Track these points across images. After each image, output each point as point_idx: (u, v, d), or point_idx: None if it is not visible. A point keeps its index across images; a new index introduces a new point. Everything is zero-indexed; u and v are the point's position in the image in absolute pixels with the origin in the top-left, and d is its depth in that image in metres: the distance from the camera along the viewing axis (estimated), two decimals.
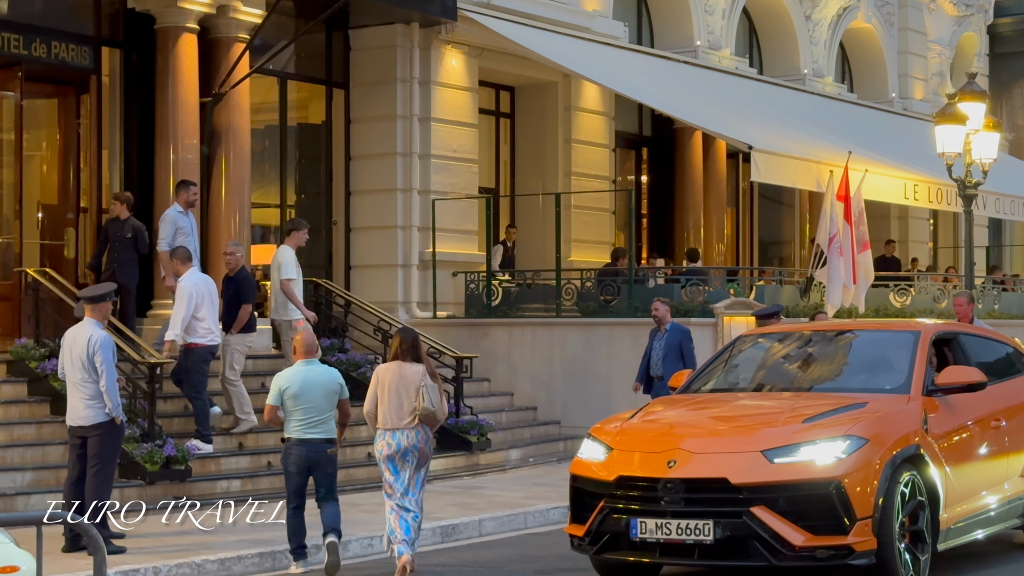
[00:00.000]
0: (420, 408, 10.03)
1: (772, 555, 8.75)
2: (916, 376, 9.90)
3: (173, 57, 16.47)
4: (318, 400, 10.40)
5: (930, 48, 30.10)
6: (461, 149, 19.85)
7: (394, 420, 10.11)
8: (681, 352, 15.52)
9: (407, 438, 10.09)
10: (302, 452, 10.38)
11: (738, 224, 26.58)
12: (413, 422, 10.08)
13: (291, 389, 10.40)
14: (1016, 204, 23.74)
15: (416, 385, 10.07)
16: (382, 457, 10.22)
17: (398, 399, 10.10)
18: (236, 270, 14.81)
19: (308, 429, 10.38)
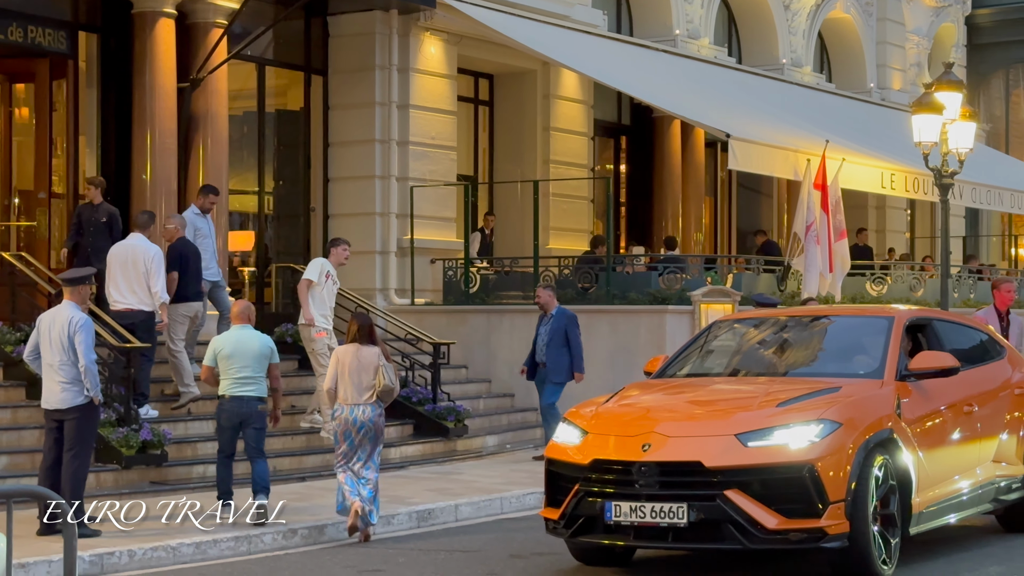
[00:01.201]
0: (380, 385, 11.16)
1: (746, 538, 8.80)
2: (889, 361, 9.96)
3: (150, 42, 16.44)
4: (249, 361, 11.44)
5: (908, 38, 30.21)
6: (440, 136, 19.85)
7: (354, 396, 11.19)
8: (566, 337, 15.67)
9: (363, 412, 11.20)
10: (233, 407, 11.45)
11: (716, 213, 26.66)
12: (371, 398, 11.20)
13: (224, 350, 11.50)
14: (992, 194, 23.86)
15: (374, 365, 11.21)
16: (340, 431, 11.28)
17: (358, 378, 11.19)
18: (173, 240, 14.88)
19: (239, 387, 11.44)
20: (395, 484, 13.95)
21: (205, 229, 15.48)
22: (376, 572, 10.06)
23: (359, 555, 10.77)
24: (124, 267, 13.90)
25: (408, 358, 17.05)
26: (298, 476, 14.22)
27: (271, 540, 11.07)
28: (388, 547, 11.14)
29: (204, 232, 15.43)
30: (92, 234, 15.18)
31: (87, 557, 9.97)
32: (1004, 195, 24.32)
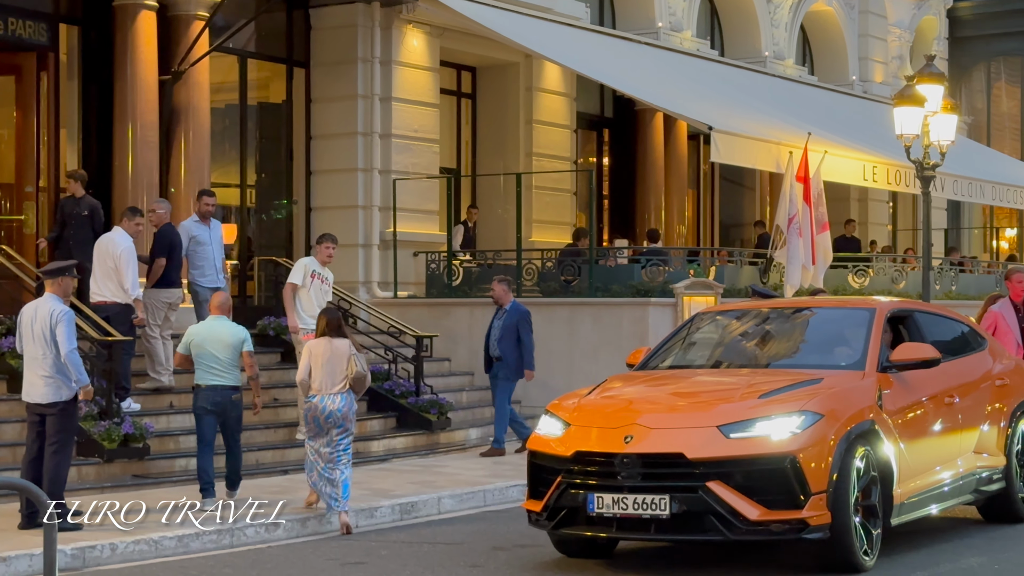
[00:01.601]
0: (352, 373, 11.63)
1: (728, 529, 8.81)
2: (871, 353, 9.99)
3: (132, 35, 16.39)
4: (221, 351, 11.81)
5: (890, 31, 30.26)
6: (422, 129, 19.83)
7: (328, 386, 11.60)
8: (518, 334, 15.68)
9: (333, 402, 11.59)
10: (208, 395, 11.81)
11: (699, 205, 26.69)
12: (344, 387, 11.64)
13: (197, 339, 11.91)
14: (974, 186, 23.93)
15: (346, 356, 11.67)
16: (310, 417, 11.67)
17: (331, 368, 11.61)
18: (160, 226, 14.99)
19: (213, 376, 11.83)
20: (378, 477, 13.95)
21: (203, 236, 15.12)
22: (359, 565, 10.06)
23: (341, 548, 10.77)
24: (101, 260, 14.04)
25: (391, 351, 17.04)
26: (281, 469, 14.21)
27: (253, 533, 11.06)
28: (371, 540, 11.14)
29: (202, 239, 15.13)
30: (74, 227, 15.13)
31: (69, 551, 9.95)
32: (986, 187, 24.40)
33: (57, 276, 10.99)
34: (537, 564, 9.84)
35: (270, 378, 16.16)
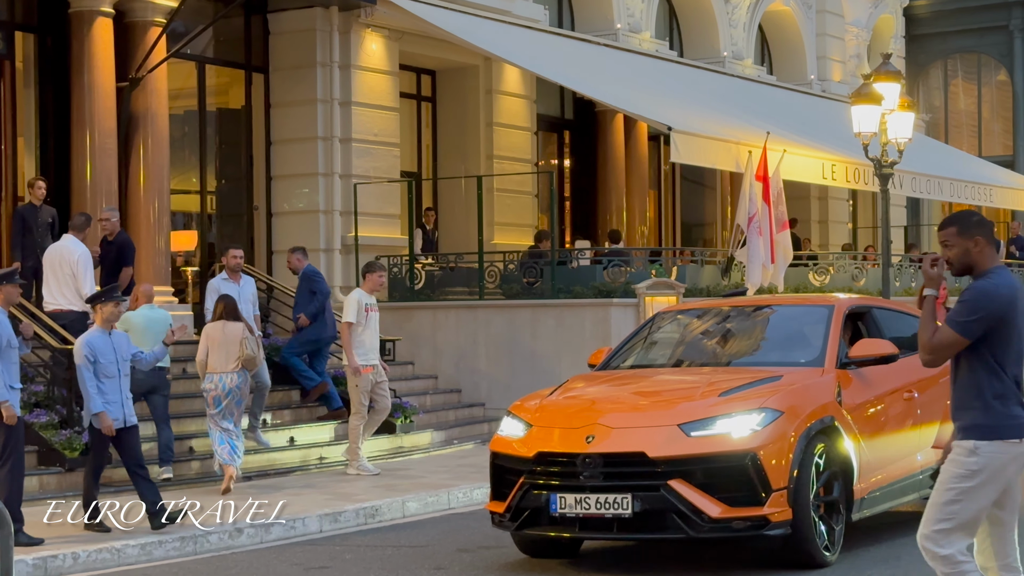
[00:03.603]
0: (244, 354, 12.85)
1: (689, 527, 8.85)
2: (830, 349, 10.05)
3: (88, 41, 16.31)
4: (159, 336, 12.65)
5: (848, 30, 30.46)
6: (382, 133, 19.82)
7: (223, 365, 12.85)
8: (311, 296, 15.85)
9: (231, 380, 12.86)
10: (145, 377, 12.68)
11: (660, 206, 26.78)
12: (237, 367, 12.89)
13: (139, 326, 13.03)
14: (932, 183, 24.11)
15: (239, 338, 12.92)
16: (211, 396, 12.85)
17: (225, 350, 12.89)
18: (115, 234, 14.96)
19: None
20: (342, 481, 13.93)
21: (233, 294, 14.07)
22: (323, 569, 10.05)
23: (305, 553, 10.75)
24: (54, 269, 14.03)
25: None
26: (244, 475, 14.14)
27: (217, 540, 11.03)
28: (335, 544, 11.13)
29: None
30: (40, 235, 15.09)
31: (30, 560, 9.89)
32: (944, 184, 24.59)
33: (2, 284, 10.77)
34: (501, 565, 9.85)
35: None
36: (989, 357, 6.08)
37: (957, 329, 6.04)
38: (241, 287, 14.61)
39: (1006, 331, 6.06)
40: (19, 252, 15.15)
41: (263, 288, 18.18)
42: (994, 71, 34.38)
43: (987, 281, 6.10)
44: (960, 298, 6.12)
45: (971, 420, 6.11)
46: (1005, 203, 27.64)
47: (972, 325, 6.02)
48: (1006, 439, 6.06)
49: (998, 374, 6.07)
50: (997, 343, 6.07)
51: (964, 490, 6.05)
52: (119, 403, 10.89)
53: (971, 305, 6.04)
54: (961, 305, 6.07)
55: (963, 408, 6.15)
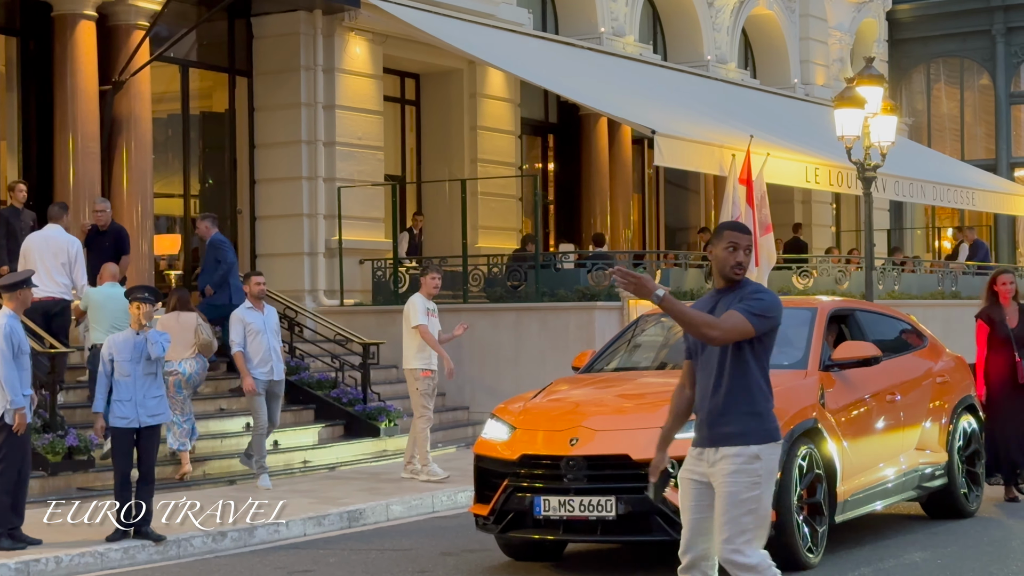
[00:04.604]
0: (200, 340, 13.58)
1: (674, 529, 8.82)
2: (813, 351, 10.07)
3: (71, 45, 16.27)
4: (117, 312, 13.33)
5: (831, 34, 30.55)
6: (366, 136, 19.81)
7: (180, 353, 13.40)
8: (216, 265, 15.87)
9: (190, 365, 13.55)
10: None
11: (644, 209, 26.81)
12: (194, 353, 13.58)
13: (99, 302, 13.57)
14: (915, 187, 24.17)
15: (193, 326, 13.60)
16: (171, 380, 13.26)
17: (182, 338, 13.46)
18: (108, 224, 15.05)
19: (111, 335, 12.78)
20: (326, 485, 13.92)
21: (257, 323, 13.54)
22: (306, 573, 10.03)
23: (289, 557, 10.73)
24: (44, 256, 13.99)
25: (338, 359, 17.01)
26: (228, 479, 14.14)
27: (200, 544, 11.00)
28: (319, 547, 11.12)
29: (256, 327, 13.54)
30: (23, 238, 15.01)
31: (12, 564, 9.86)
32: (927, 188, 24.65)
33: (15, 289, 10.72)
34: (485, 568, 9.85)
35: (216, 388, 16.10)
36: (765, 362, 6.27)
37: (754, 321, 6.16)
38: (266, 316, 13.67)
39: (772, 341, 6.30)
40: (4, 255, 15.11)
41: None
42: (976, 75, 34.50)
43: (770, 291, 6.34)
44: (754, 296, 6.23)
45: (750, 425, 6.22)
46: (987, 206, 27.73)
47: (765, 322, 6.20)
48: (777, 441, 6.28)
49: (768, 381, 6.29)
50: (768, 349, 6.27)
51: (757, 497, 6.20)
52: (132, 403, 10.72)
53: (768, 305, 6.23)
54: (758, 302, 6.20)
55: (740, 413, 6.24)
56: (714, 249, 6.38)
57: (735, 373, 6.22)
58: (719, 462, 6.24)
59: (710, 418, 6.31)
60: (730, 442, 6.21)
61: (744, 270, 6.33)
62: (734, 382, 6.22)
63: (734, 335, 6.13)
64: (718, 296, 6.39)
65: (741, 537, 6.16)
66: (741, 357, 6.22)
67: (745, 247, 6.32)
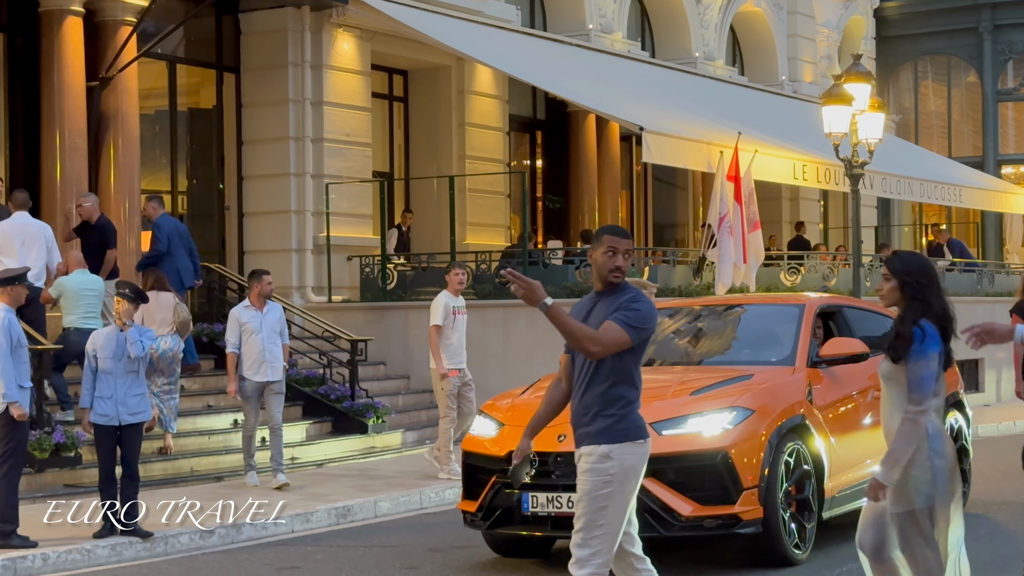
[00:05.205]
0: (179, 318, 14.01)
1: (661, 526, 8.88)
2: (801, 348, 10.10)
3: (58, 41, 16.22)
4: (92, 299, 13.84)
5: (819, 31, 30.57)
6: (354, 133, 19.78)
7: (157, 330, 13.49)
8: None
9: (166, 342, 13.78)
10: (79, 338, 12.97)
11: (632, 206, 26.82)
12: (172, 330, 13.93)
13: (72, 289, 13.76)
14: (902, 183, 24.21)
15: (171, 305, 14.04)
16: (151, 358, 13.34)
17: (160, 316, 13.87)
18: (95, 218, 15.01)
19: (84, 321, 13.70)
20: (314, 481, 13.91)
21: (254, 323, 13.32)
22: (294, 569, 10.03)
23: (277, 553, 10.73)
24: (27, 242, 13.96)
25: (326, 355, 16.99)
26: (215, 476, 14.13)
27: (188, 540, 10.99)
28: (307, 544, 11.11)
29: (252, 327, 13.33)
30: None
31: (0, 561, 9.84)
32: (914, 184, 24.69)
33: (7, 285, 10.70)
34: (473, 565, 9.85)
35: (204, 384, 16.09)
36: (632, 365, 6.32)
37: (631, 333, 6.23)
38: (264, 316, 13.40)
39: (645, 346, 6.38)
40: None
41: (235, 289, 18.15)
42: (964, 73, 34.56)
43: (647, 300, 6.38)
44: (631, 307, 6.28)
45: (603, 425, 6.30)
46: (974, 203, 27.79)
47: (642, 333, 6.27)
48: (635, 440, 6.33)
49: (635, 383, 6.34)
50: (638, 354, 6.33)
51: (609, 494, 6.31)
52: (113, 401, 10.67)
53: (644, 316, 6.28)
54: (636, 313, 6.25)
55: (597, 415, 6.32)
56: (594, 253, 6.45)
57: (596, 377, 6.33)
58: (580, 460, 6.39)
59: (574, 419, 6.47)
60: (586, 441, 6.36)
61: (623, 274, 6.39)
62: (595, 386, 6.34)
63: (613, 349, 6.24)
64: (596, 299, 6.46)
65: (590, 532, 6.29)
66: (604, 362, 6.32)
67: (624, 251, 6.38)
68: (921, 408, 6.47)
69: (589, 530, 6.29)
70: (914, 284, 6.52)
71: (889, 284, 6.59)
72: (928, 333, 6.46)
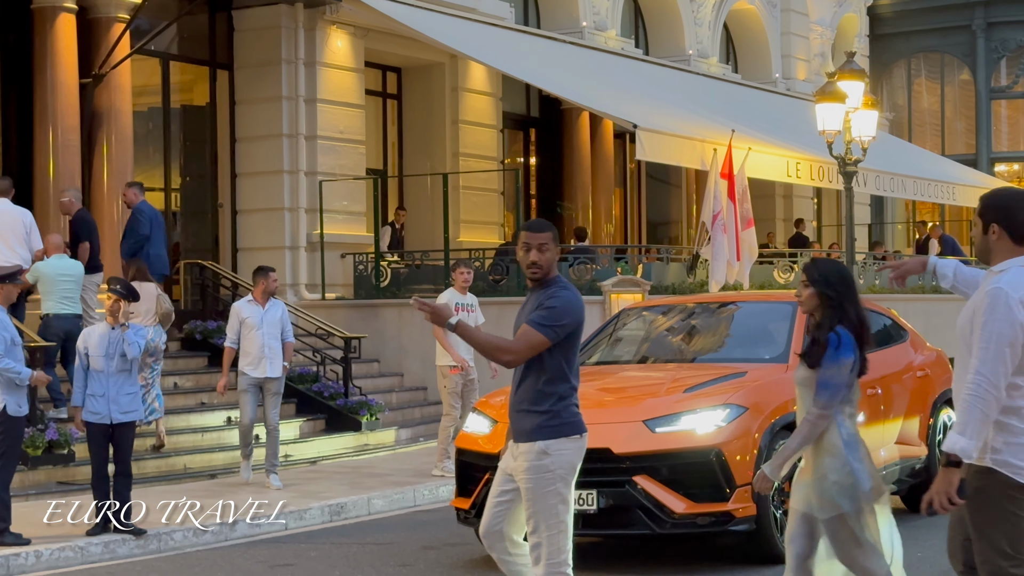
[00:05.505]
0: (161, 310, 14.01)
1: (655, 523, 8.88)
2: (794, 346, 10.07)
3: (51, 37, 16.20)
4: (69, 284, 13.92)
5: (812, 29, 30.59)
6: (348, 130, 19.77)
7: (143, 321, 13.43)
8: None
9: (148, 332, 12.62)
10: (59, 324, 13.74)
11: (626, 204, 26.82)
12: (155, 321, 13.89)
13: (49, 274, 13.79)
14: (896, 181, 24.24)
15: (153, 295, 13.97)
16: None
17: (144, 307, 13.63)
18: (73, 211, 14.99)
19: (62, 306, 13.87)
20: (307, 478, 13.91)
21: (255, 318, 13.20)
22: (288, 567, 10.02)
23: (270, 550, 10.72)
24: (14, 228, 13.99)
25: (319, 353, 16.98)
26: (208, 473, 14.13)
27: (181, 538, 10.98)
28: (300, 541, 11.11)
29: (253, 323, 13.21)
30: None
31: None
32: (907, 182, 24.72)
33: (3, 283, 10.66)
34: (466, 562, 9.85)
35: (197, 382, 16.08)
36: (563, 360, 6.29)
37: (546, 333, 6.21)
38: (265, 312, 13.26)
39: (576, 339, 6.33)
40: None
41: (228, 286, 18.14)
42: (957, 70, 34.59)
43: (568, 292, 6.34)
44: (545, 305, 6.27)
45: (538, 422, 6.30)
46: (967, 201, 27.79)
47: (559, 330, 6.22)
48: (571, 436, 6.34)
49: (567, 378, 6.31)
50: (569, 347, 6.30)
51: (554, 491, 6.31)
52: (105, 399, 10.64)
53: (559, 312, 6.23)
54: (549, 311, 6.23)
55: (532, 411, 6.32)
56: (518, 250, 6.48)
57: (528, 373, 6.33)
58: (519, 457, 6.38)
59: (511, 414, 6.49)
60: (522, 438, 6.35)
61: (540, 269, 6.37)
62: (527, 382, 6.33)
63: (528, 353, 6.24)
64: (530, 295, 6.49)
65: (541, 530, 6.29)
66: (536, 358, 6.31)
67: (538, 245, 6.36)
68: (823, 412, 6.60)
69: (539, 529, 6.29)
70: (831, 292, 6.66)
71: (808, 291, 6.73)
72: (844, 340, 6.61)
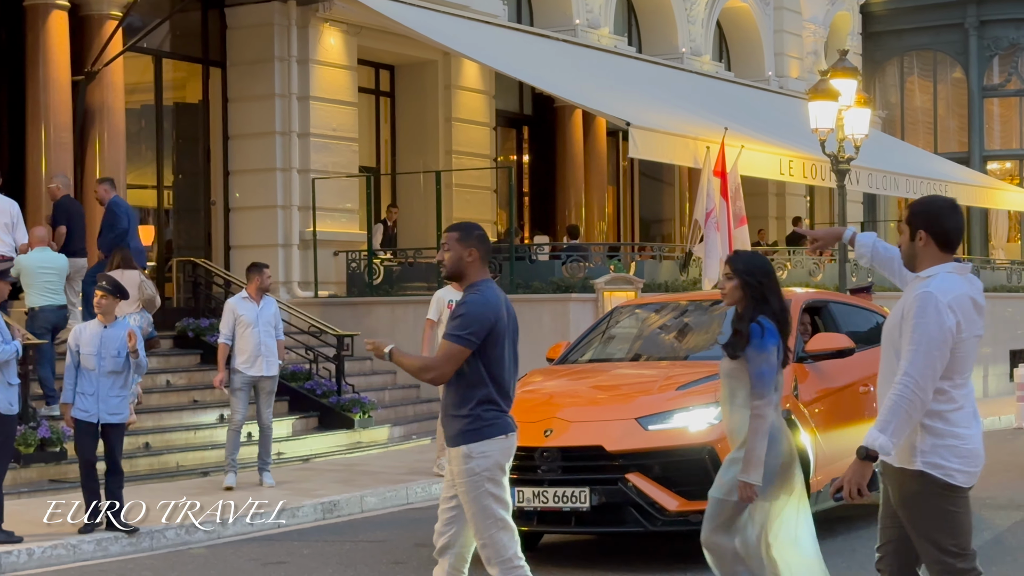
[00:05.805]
0: (144, 296, 13.95)
1: (647, 521, 8.89)
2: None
3: (43, 35, 16.18)
4: (47, 275, 13.84)
5: (805, 27, 30.61)
6: (341, 128, 19.76)
7: (124, 308, 12.89)
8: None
9: (133, 320, 12.83)
10: (46, 316, 13.75)
11: (619, 202, 26.82)
12: (138, 308, 13.75)
13: (33, 267, 13.76)
14: (888, 179, 24.26)
15: (136, 283, 13.87)
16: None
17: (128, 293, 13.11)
18: (58, 196, 15.04)
19: (47, 298, 13.84)
20: (300, 476, 13.90)
21: (249, 315, 13.13)
22: (280, 564, 10.02)
23: (263, 548, 10.71)
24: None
25: (312, 350, 16.97)
26: (201, 471, 14.12)
27: (173, 536, 10.97)
28: (293, 539, 11.10)
29: (248, 320, 13.13)
30: None
31: None
32: (900, 180, 24.74)
33: None
34: None
35: (190, 380, 16.06)
36: (483, 362, 6.28)
37: (461, 343, 6.21)
38: (260, 309, 13.20)
39: (495, 340, 6.28)
40: None
41: (220, 284, 18.12)
42: (949, 68, 34.62)
43: (478, 295, 6.31)
44: (456, 313, 6.30)
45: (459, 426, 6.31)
46: (960, 199, 27.83)
47: (473, 336, 6.21)
48: (492, 437, 6.31)
49: (485, 382, 6.28)
50: (489, 351, 6.27)
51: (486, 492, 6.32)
52: (95, 398, 10.61)
53: (467, 319, 6.24)
54: (459, 320, 6.25)
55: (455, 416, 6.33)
56: None
57: (451, 380, 6.35)
58: (451, 462, 6.42)
59: (441, 418, 6.56)
60: (451, 443, 6.40)
61: (444, 267, 6.43)
62: (451, 387, 6.36)
63: (450, 367, 6.26)
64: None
65: (484, 532, 6.33)
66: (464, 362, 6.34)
67: (443, 244, 6.41)
68: (764, 401, 6.71)
69: (479, 530, 6.33)
70: (754, 283, 6.78)
71: (731, 283, 6.83)
72: (767, 328, 6.72)
